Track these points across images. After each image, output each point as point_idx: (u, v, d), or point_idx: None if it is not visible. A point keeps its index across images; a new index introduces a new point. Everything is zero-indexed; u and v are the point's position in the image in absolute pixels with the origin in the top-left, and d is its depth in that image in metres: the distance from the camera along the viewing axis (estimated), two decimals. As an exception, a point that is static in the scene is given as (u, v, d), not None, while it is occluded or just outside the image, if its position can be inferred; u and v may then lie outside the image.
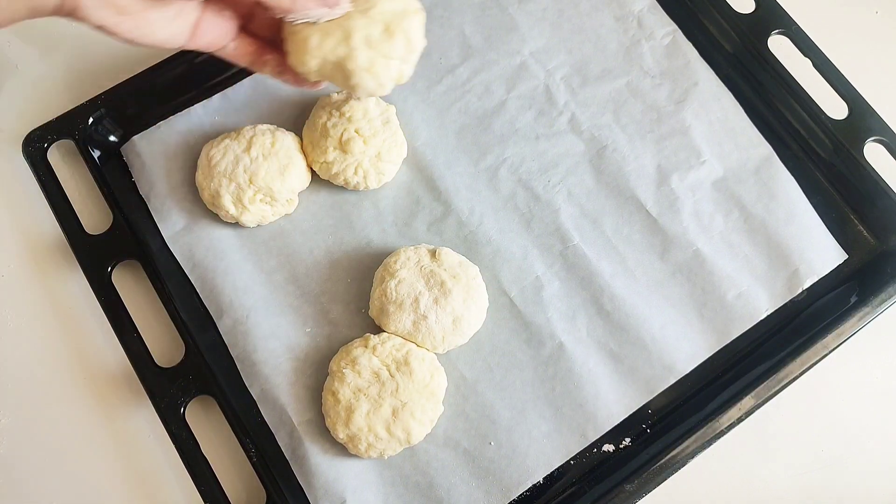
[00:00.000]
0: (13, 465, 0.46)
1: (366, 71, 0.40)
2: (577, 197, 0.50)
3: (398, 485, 0.43)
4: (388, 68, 0.41)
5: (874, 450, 0.47)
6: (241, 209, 0.47)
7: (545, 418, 0.45)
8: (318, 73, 0.41)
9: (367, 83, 0.41)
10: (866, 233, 0.49)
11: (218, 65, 0.53)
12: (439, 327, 0.44)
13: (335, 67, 0.40)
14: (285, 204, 0.48)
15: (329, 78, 0.41)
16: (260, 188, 0.47)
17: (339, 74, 0.41)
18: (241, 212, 0.47)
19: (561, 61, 0.54)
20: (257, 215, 0.48)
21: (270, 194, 0.47)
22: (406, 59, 0.42)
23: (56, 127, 0.51)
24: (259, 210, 0.48)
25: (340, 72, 0.40)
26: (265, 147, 0.48)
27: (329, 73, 0.41)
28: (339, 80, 0.41)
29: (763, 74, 0.53)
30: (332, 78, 0.41)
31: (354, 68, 0.40)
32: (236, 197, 0.47)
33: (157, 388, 0.45)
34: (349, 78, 0.40)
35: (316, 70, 0.41)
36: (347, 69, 0.40)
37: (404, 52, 0.41)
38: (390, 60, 0.41)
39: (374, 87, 0.41)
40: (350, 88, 0.41)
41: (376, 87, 0.41)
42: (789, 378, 0.45)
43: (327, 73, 0.41)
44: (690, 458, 0.43)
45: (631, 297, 0.47)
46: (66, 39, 0.57)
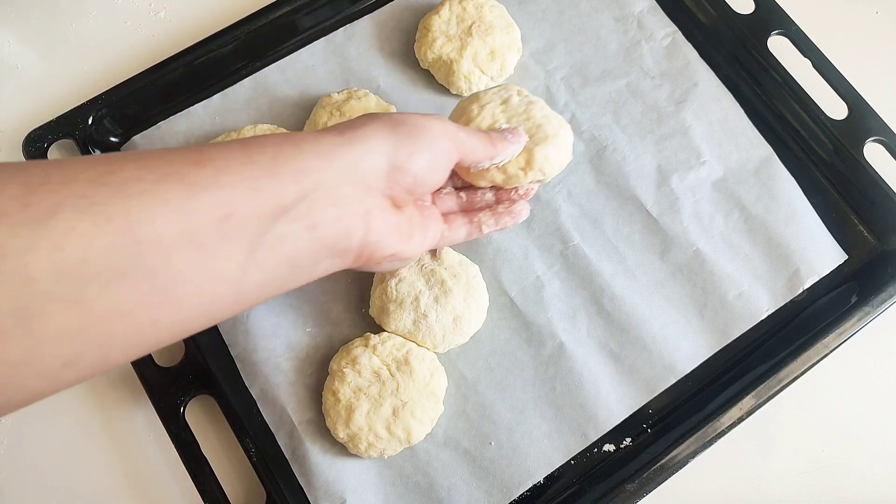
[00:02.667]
0: (13, 465, 0.46)
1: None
2: (578, 197, 0.50)
3: (398, 485, 0.43)
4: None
5: (875, 450, 0.47)
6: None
7: (546, 418, 0.44)
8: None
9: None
10: (866, 233, 0.49)
11: (218, 65, 0.53)
12: (440, 326, 0.44)
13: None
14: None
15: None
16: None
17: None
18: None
19: (561, 62, 0.54)
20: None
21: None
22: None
23: (56, 127, 0.51)
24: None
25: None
26: (265, 147, 0.48)
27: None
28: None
29: (763, 75, 0.53)
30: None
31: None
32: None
33: (156, 388, 0.45)
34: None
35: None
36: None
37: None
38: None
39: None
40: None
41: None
42: (790, 378, 0.45)
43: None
44: (691, 457, 0.43)
45: (631, 297, 0.47)
46: (66, 39, 0.57)
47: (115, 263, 0.25)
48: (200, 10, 0.58)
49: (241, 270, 0.29)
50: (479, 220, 0.43)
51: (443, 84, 0.53)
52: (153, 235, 0.26)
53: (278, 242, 0.30)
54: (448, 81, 0.52)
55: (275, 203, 0.30)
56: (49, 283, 0.24)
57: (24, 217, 0.24)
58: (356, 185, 0.33)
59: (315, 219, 0.31)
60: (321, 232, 0.32)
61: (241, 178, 0.29)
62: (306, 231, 0.31)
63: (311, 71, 0.53)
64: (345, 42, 0.54)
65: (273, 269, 0.31)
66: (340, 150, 0.33)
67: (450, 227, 0.42)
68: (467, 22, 0.52)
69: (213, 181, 0.28)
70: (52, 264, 0.24)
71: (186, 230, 0.27)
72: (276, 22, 0.54)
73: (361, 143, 0.34)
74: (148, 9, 0.58)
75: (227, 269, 0.29)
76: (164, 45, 0.56)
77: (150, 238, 0.26)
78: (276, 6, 0.54)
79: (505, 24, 0.52)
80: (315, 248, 0.32)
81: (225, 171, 0.29)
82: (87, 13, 0.58)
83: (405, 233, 0.37)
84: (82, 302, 0.25)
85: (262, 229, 0.29)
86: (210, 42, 0.53)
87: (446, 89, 0.53)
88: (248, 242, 0.29)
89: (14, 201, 0.24)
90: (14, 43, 0.57)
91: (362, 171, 0.33)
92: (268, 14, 0.54)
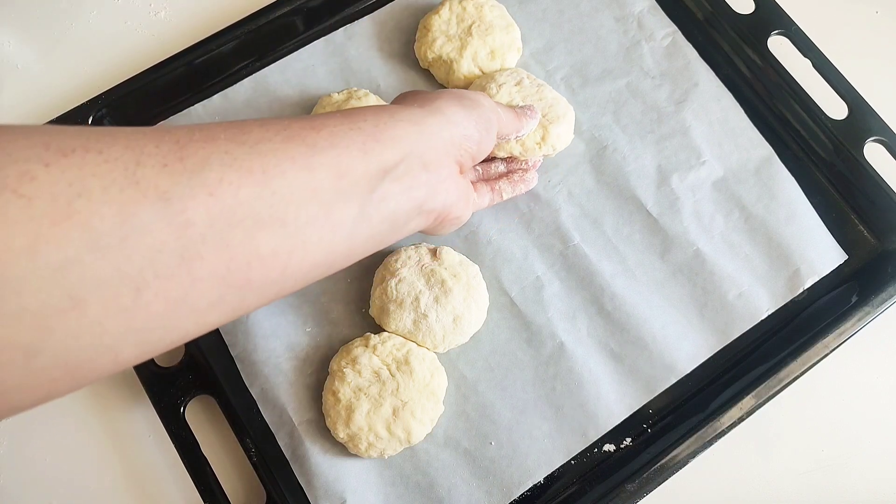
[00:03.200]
0: (13, 465, 0.46)
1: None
2: (578, 197, 0.50)
3: (398, 485, 0.43)
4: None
5: (875, 450, 0.47)
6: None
7: (546, 418, 0.44)
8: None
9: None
10: (866, 233, 0.49)
11: (218, 65, 0.53)
12: (440, 326, 0.44)
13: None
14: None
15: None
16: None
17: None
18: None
19: (561, 62, 0.54)
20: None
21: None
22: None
23: (56, 127, 0.51)
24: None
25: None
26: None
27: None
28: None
29: (763, 75, 0.53)
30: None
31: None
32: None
33: (156, 388, 0.45)
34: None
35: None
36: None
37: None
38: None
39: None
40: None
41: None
42: (790, 378, 0.45)
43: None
44: (691, 457, 0.43)
45: (631, 297, 0.47)
46: (66, 39, 0.57)
47: (256, 211, 0.28)
48: (200, 10, 0.58)
49: (354, 223, 0.32)
50: (499, 187, 0.47)
51: (443, 84, 0.53)
52: (286, 188, 0.29)
53: (383, 200, 0.33)
54: (448, 81, 0.52)
55: (379, 164, 0.33)
56: (204, 226, 0.26)
57: (181, 168, 0.26)
58: (439, 151, 0.36)
59: (411, 181, 0.35)
60: (415, 192, 0.35)
61: (352, 141, 0.32)
62: (404, 191, 0.34)
63: (311, 71, 0.53)
64: (345, 42, 0.54)
65: (378, 223, 0.34)
66: (428, 120, 0.36)
67: (478, 195, 0.46)
68: (467, 22, 0.52)
69: (330, 143, 0.32)
70: (207, 209, 0.26)
71: (310, 185, 0.30)
72: (276, 22, 0.54)
73: (441, 113, 0.37)
74: (148, 9, 0.58)
75: (343, 221, 0.32)
76: (164, 45, 0.56)
77: (284, 190, 0.29)
78: (276, 6, 0.54)
79: (505, 23, 0.52)
80: (410, 207, 0.35)
81: (337, 135, 0.32)
82: (86, 13, 0.58)
83: (464, 198, 0.40)
84: (230, 246, 0.27)
85: (370, 187, 0.33)
86: (210, 42, 0.53)
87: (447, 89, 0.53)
88: (359, 199, 0.32)
89: (172, 154, 0.27)
90: (14, 43, 0.57)
91: (444, 139, 0.37)
92: (268, 14, 0.54)
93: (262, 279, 0.29)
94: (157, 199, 0.25)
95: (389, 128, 0.34)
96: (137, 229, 0.25)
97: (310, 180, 0.30)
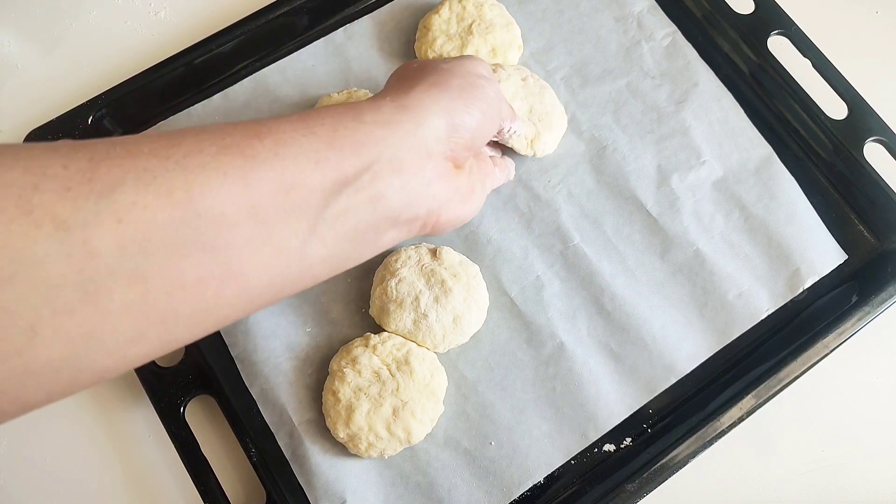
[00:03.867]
0: (13, 465, 0.46)
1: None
2: (578, 197, 0.50)
3: (398, 485, 0.43)
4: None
5: (875, 450, 0.47)
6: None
7: (546, 418, 0.44)
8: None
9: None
10: (866, 233, 0.49)
11: (218, 65, 0.53)
12: (440, 326, 0.44)
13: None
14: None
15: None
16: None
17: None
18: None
19: (561, 62, 0.54)
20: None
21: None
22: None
23: (56, 127, 0.51)
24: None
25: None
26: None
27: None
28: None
29: (763, 75, 0.53)
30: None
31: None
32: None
33: (156, 388, 0.45)
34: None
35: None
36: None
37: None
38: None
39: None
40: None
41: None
42: (790, 378, 0.45)
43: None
44: (691, 457, 0.43)
45: (631, 297, 0.47)
46: (66, 39, 0.57)
47: (176, 237, 0.25)
48: (200, 10, 0.58)
49: (304, 244, 0.29)
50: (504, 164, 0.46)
51: None
52: (214, 209, 0.26)
53: (341, 215, 0.30)
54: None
55: (336, 175, 0.30)
56: (112, 256, 0.24)
57: (87, 190, 0.24)
58: (418, 151, 0.33)
59: (378, 190, 0.31)
60: (385, 203, 0.31)
61: (302, 150, 0.29)
62: (369, 203, 0.31)
63: (311, 71, 0.53)
64: (345, 42, 0.54)
65: (336, 242, 0.31)
66: (399, 118, 0.32)
67: (489, 176, 0.43)
68: (467, 21, 0.52)
69: (273, 153, 0.28)
70: (116, 238, 0.24)
71: (247, 204, 0.27)
72: (276, 22, 0.54)
73: (418, 108, 0.33)
74: (148, 9, 0.58)
75: (289, 242, 0.29)
76: (164, 45, 0.56)
77: (211, 212, 0.26)
78: (276, 6, 0.54)
79: (505, 22, 0.52)
80: (378, 220, 0.32)
81: (285, 144, 0.29)
82: (86, 13, 0.58)
83: (465, 192, 0.37)
84: (146, 276, 0.25)
85: (323, 202, 0.29)
86: (210, 42, 0.53)
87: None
88: (309, 215, 0.29)
89: (79, 175, 0.24)
90: (14, 43, 0.57)
91: (422, 137, 0.33)
92: (268, 14, 0.54)
93: (190, 311, 0.27)
94: (54, 229, 0.23)
95: (351, 132, 0.31)
96: (29, 264, 0.22)
97: (245, 198, 0.27)
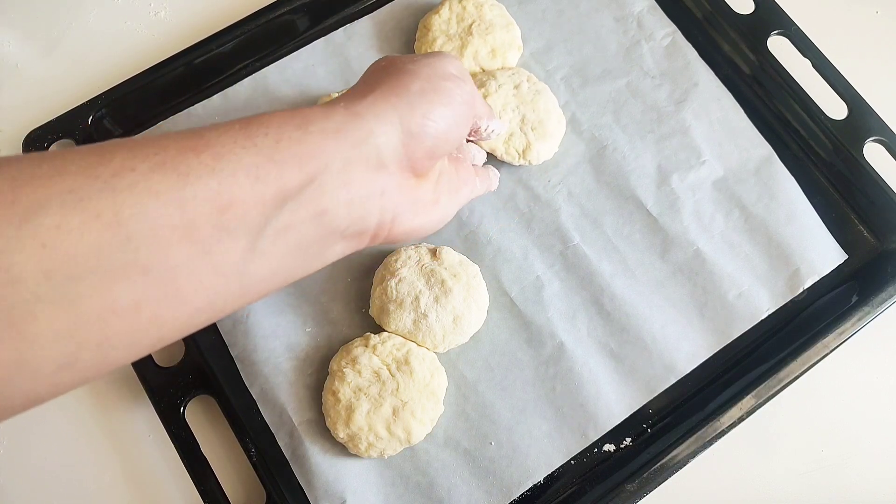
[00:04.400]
0: (13, 465, 0.46)
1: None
2: (578, 197, 0.50)
3: (398, 485, 0.43)
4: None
5: (875, 450, 0.47)
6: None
7: (546, 418, 0.44)
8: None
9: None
10: (866, 233, 0.49)
11: (218, 65, 0.53)
12: (440, 326, 0.44)
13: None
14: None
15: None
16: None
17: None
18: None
19: (561, 62, 0.54)
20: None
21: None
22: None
23: (56, 127, 0.51)
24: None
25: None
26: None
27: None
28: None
29: (763, 75, 0.53)
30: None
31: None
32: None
33: (156, 388, 0.45)
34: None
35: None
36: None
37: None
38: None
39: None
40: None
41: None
42: (790, 378, 0.45)
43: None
44: (691, 457, 0.43)
45: (631, 297, 0.47)
46: (66, 39, 0.57)
47: (105, 261, 0.24)
48: (200, 10, 0.58)
49: (244, 262, 0.28)
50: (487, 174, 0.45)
51: None
52: (146, 230, 0.25)
53: (283, 231, 0.29)
54: None
55: (277, 190, 0.28)
56: (37, 283, 0.23)
57: (9, 214, 0.23)
58: (368, 162, 0.31)
59: (323, 204, 0.30)
60: (330, 217, 0.30)
61: (241, 164, 0.27)
62: (313, 218, 0.29)
63: (311, 71, 0.53)
64: (345, 42, 0.54)
65: (279, 258, 0.29)
66: (349, 127, 0.31)
67: (465, 184, 0.40)
68: (467, 21, 0.52)
69: (209, 169, 0.27)
70: (40, 263, 0.23)
71: (182, 223, 0.26)
72: (276, 22, 0.54)
73: (371, 115, 0.31)
74: (148, 9, 0.58)
75: (228, 261, 0.27)
76: (164, 45, 0.56)
77: (143, 233, 0.25)
78: (276, 6, 0.54)
79: (505, 22, 0.52)
80: (324, 234, 0.30)
81: (223, 158, 0.27)
82: (86, 13, 0.58)
83: (426, 202, 0.35)
84: (74, 302, 0.24)
85: (263, 219, 0.28)
86: (210, 42, 0.53)
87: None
88: (249, 233, 0.28)
89: (1, 197, 0.23)
90: (14, 43, 0.57)
91: (374, 147, 0.31)
92: (268, 14, 0.54)
93: (126, 334, 0.26)
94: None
95: (295, 143, 0.29)
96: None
97: (180, 218, 0.25)
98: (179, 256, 0.26)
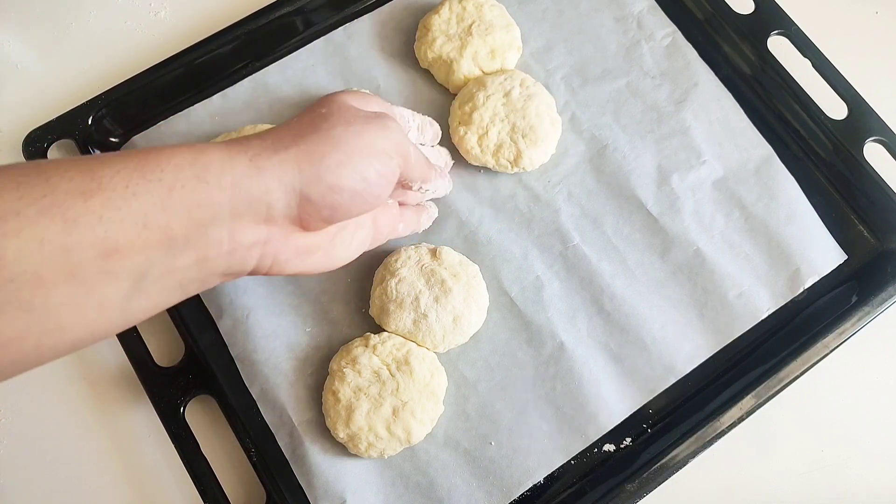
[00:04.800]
0: (13, 465, 0.46)
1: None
2: (578, 197, 0.50)
3: (398, 485, 0.43)
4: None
5: (875, 450, 0.47)
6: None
7: (546, 418, 0.44)
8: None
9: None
10: (866, 233, 0.49)
11: (218, 65, 0.53)
12: (440, 326, 0.44)
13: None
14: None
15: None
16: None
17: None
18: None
19: (561, 62, 0.54)
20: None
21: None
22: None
23: (56, 127, 0.51)
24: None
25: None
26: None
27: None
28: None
29: (763, 75, 0.53)
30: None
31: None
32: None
33: (156, 388, 0.45)
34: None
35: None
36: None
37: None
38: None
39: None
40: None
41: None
42: (790, 378, 0.45)
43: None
44: (691, 457, 0.43)
45: (631, 297, 0.47)
46: (66, 39, 0.57)
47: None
48: (200, 10, 0.58)
49: (126, 300, 0.29)
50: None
51: (443, 84, 0.53)
52: (29, 273, 0.25)
53: (165, 274, 0.30)
54: (448, 81, 0.52)
55: (162, 237, 0.29)
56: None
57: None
58: (257, 216, 0.32)
59: (205, 251, 0.31)
60: (211, 263, 0.31)
61: (130, 212, 0.27)
62: (195, 263, 0.30)
63: (311, 71, 0.53)
64: (345, 42, 0.54)
65: (161, 295, 0.30)
66: (247, 183, 0.31)
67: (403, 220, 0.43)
68: (467, 21, 0.52)
69: (98, 217, 0.27)
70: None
71: (66, 267, 0.26)
72: (276, 22, 0.54)
73: (273, 176, 0.32)
74: (148, 9, 0.58)
75: (110, 300, 0.28)
76: (164, 45, 0.56)
77: (26, 276, 0.25)
78: (276, 6, 0.54)
79: (505, 23, 0.52)
80: (204, 276, 0.32)
81: (112, 205, 0.27)
82: (86, 13, 0.58)
83: (317, 249, 0.36)
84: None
85: (147, 263, 0.29)
86: (210, 42, 0.53)
87: (446, 89, 0.53)
88: (131, 276, 0.28)
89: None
90: (14, 43, 0.57)
91: (266, 206, 0.32)
92: (268, 14, 0.54)
93: (9, 361, 0.27)
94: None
95: (188, 193, 0.29)
96: None
97: (64, 262, 0.26)
98: (62, 296, 0.27)
